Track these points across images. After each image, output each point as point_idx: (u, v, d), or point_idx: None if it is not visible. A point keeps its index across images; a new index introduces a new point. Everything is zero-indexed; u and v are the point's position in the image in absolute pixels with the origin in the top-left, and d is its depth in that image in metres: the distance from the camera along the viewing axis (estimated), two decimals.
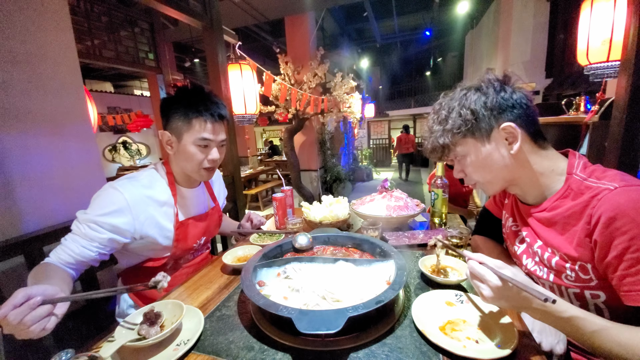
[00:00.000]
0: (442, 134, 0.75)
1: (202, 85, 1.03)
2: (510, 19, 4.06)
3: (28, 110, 1.22)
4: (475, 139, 0.73)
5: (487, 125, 0.71)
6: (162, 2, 1.65)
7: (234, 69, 2.27)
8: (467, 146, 0.75)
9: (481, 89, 0.72)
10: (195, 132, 0.96)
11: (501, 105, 0.69)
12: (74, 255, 0.86)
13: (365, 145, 11.90)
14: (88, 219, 0.87)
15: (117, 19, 3.08)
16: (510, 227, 0.88)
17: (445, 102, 0.77)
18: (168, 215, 1.01)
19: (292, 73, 4.46)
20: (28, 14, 1.23)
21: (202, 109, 0.96)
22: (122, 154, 8.04)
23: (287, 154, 4.78)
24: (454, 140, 0.75)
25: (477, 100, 0.71)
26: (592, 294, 0.66)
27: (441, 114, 0.76)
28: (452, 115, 0.73)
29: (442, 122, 0.76)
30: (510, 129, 0.69)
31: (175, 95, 0.99)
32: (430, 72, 13.43)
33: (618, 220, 0.57)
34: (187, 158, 0.99)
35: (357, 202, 1.45)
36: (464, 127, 0.72)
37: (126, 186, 0.92)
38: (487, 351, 0.57)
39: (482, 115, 0.70)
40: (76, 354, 0.53)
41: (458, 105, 0.73)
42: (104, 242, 0.89)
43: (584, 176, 0.67)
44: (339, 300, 0.70)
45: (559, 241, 0.69)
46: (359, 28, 8.97)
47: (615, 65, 1.51)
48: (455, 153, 0.77)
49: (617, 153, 1.26)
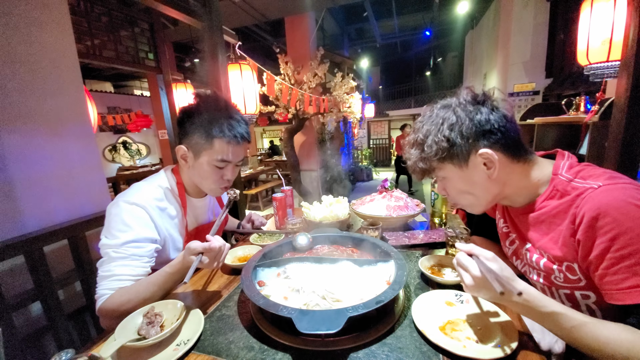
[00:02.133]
0: (419, 159, 0.74)
1: (225, 98, 0.99)
2: (510, 19, 4.06)
3: (28, 110, 1.22)
4: (453, 164, 0.71)
5: (463, 151, 0.68)
6: (162, 2, 1.65)
7: (234, 69, 2.27)
8: (446, 170, 0.73)
9: (456, 112, 0.69)
10: (215, 153, 0.91)
11: (477, 131, 0.67)
12: (132, 279, 0.84)
13: (365, 145, 11.89)
14: (126, 241, 0.84)
15: (117, 19, 3.08)
16: (501, 229, 0.88)
17: (424, 123, 0.74)
18: (178, 227, 1.01)
19: (292, 73, 4.45)
20: (28, 14, 1.22)
21: (227, 129, 0.90)
22: (122, 154, 8.04)
23: (287, 154, 4.78)
24: (432, 165, 0.73)
25: (454, 126, 0.68)
26: (582, 295, 0.66)
27: (418, 137, 0.74)
28: (427, 141, 0.71)
29: (419, 147, 0.74)
30: (487, 155, 0.67)
31: (197, 107, 0.93)
32: (430, 72, 13.44)
33: (600, 220, 0.56)
34: (202, 176, 0.96)
35: (357, 202, 1.45)
36: (440, 154, 0.70)
37: (141, 199, 0.90)
38: (487, 351, 0.57)
39: (458, 143, 0.68)
40: (76, 354, 0.53)
41: (435, 129, 0.70)
42: (151, 254, 0.89)
43: (570, 177, 0.66)
44: (339, 300, 0.70)
45: (545, 242, 0.69)
46: (359, 28, 8.98)
47: (615, 65, 1.51)
48: (435, 174, 0.76)
49: (617, 153, 1.26)
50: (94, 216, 1.40)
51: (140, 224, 0.87)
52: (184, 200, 1.01)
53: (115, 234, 0.84)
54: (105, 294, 0.81)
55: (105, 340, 0.68)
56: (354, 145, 8.43)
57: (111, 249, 0.84)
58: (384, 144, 13.03)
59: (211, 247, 0.77)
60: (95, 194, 1.48)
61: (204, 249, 0.77)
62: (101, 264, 0.85)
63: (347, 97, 4.65)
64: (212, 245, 0.77)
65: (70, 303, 1.34)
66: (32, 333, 1.19)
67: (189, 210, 1.05)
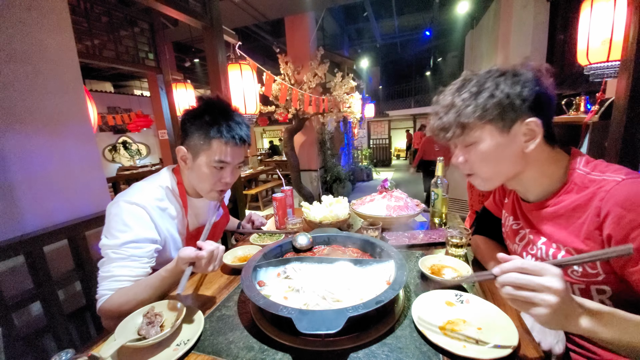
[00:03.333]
0: (463, 111, 0.67)
1: (227, 101, 0.98)
2: (510, 19, 4.05)
3: (28, 110, 1.22)
4: (495, 127, 0.67)
5: (513, 115, 0.65)
6: (162, 2, 1.65)
7: (234, 69, 2.27)
8: (483, 133, 0.68)
9: (519, 76, 0.65)
10: (212, 154, 0.91)
11: (535, 99, 0.64)
12: (131, 279, 0.84)
13: (365, 145, 11.90)
14: (125, 241, 0.84)
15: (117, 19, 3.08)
16: (510, 226, 0.88)
17: (475, 77, 0.69)
18: (178, 227, 1.01)
19: (292, 73, 4.46)
20: (28, 14, 1.22)
21: (225, 130, 0.90)
22: (122, 154, 8.04)
23: (287, 154, 4.78)
24: (473, 122, 0.67)
25: (514, 86, 0.64)
26: (598, 289, 0.65)
27: (470, 89, 0.68)
28: (483, 93, 0.66)
29: (469, 98, 0.67)
30: (533, 126, 0.65)
31: (199, 110, 0.93)
32: (430, 72, 13.43)
33: (630, 213, 0.57)
34: (200, 177, 0.95)
35: (357, 202, 1.45)
36: (492, 111, 0.65)
37: (142, 199, 0.89)
38: (487, 351, 0.57)
39: (514, 104, 0.64)
40: (76, 354, 0.53)
41: (492, 84, 0.66)
42: (151, 254, 0.89)
43: (587, 170, 0.67)
44: (339, 300, 0.70)
45: (564, 235, 0.69)
46: (359, 28, 8.97)
47: (615, 65, 1.51)
48: (467, 137, 0.70)
49: (617, 153, 1.26)
50: (94, 216, 1.40)
51: (140, 224, 0.87)
52: (184, 200, 1.01)
53: (115, 234, 0.84)
54: (105, 294, 0.81)
55: (105, 340, 0.68)
56: (354, 145, 8.43)
57: (111, 250, 0.84)
58: (384, 144, 13.03)
59: (198, 257, 0.75)
60: (95, 194, 1.48)
61: (191, 260, 0.76)
62: (102, 265, 0.85)
63: (347, 97, 4.65)
64: (199, 254, 0.75)
65: (70, 303, 1.34)
66: (32, 333, 1.19)
67: (190, 210, 1.04)
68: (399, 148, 15.30)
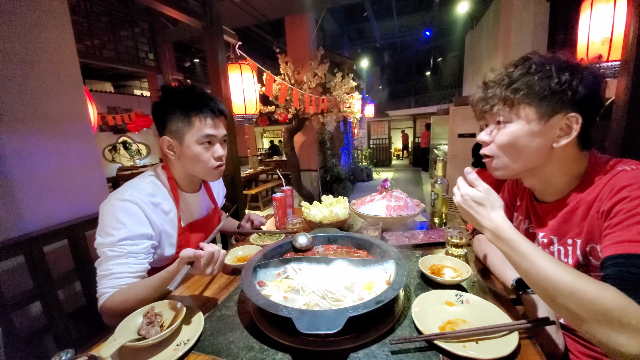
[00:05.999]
0: (513, 85, 0.66)
1: (192, 83, 1.02)
2: (510, 19, 4.05)
3: (28, 110, 1.22)
4: (535, 112, 0.66)
5: (559, 104, 0.64)
6: (162, 2, 1.65)
7: (234, 69, 2.27)
8: (521, 114, 0.67)
9: (581, 70, 0.64)
10: (197, 130, 0.94)
11: (586, 97, 0.63)
12: (131, 276, 0.84)
13: (365, 145, 11.90)
14: (121, 238, 0.84)
15: (117, 19, 3.08)
16: (525, 230, 0.87)
17: (537, 58, 0.67)
18: (172, 222, 1.00)
19: (292, 73, 4.46)
20: (28, 14, 1.22)
21: (201, 105, 0.94)
22: (122, 154, 8.03)
23: (287, 154, 4.78)
24: (518, 98, 0.66)
25: (573, 75, 0.63)
26: None
27: (528, 67, 0.66)
28: (539, 73, 0.64)
29: (525, 73, 0.66)
30: (573, 122, 0.64)
31: (167, 98, 0.96)
32: (430, 72, 13.43)
33: (625, 190, 0.59)
34: (193, 159, 0.97)
35: (357, 202, 1.45)
36: (540, 93, 0.64)
37: (134, 195, 0.89)
38: (487, 351, 0.57)
39: (565, 94, 0.63)
40: (76, 354, 0.53)
41: (554, 66, 0.64)
42: (147, 250, 0.89)
43: (604, 164, 0.68)
44: (339, 300, 0.70)
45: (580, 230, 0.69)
46: (359, 28, 8.97)
47: (615, 65, 1.51)
48: (504, 112, 0.69)
49: (617, 153, 1.26)
50: (94, 216, 1.39)
51: (133, 220, 0.87)
52: (176, 195, 1.02)
53: (109, 231, 0.84)
54: (106, 292, 0.81)
55: (105, 340, 0.68)
56: (354, 145, 8.43)
57: (107, 248, 0.84)
58: (384, 144, 13.03)
59: (197, 256, 0.74)
60: (95, 193, 1.48)
61: (189, 259, 0.75)
62: (99, 264, 0.85)
63: (347, 97, 4.65)
64: (197, 254, 0.75)
65: (70, 303, 1.34)
66: (32, 333, 1.19)
67: (183, 205, 1.05)
68: (399, 148, 15.31)
